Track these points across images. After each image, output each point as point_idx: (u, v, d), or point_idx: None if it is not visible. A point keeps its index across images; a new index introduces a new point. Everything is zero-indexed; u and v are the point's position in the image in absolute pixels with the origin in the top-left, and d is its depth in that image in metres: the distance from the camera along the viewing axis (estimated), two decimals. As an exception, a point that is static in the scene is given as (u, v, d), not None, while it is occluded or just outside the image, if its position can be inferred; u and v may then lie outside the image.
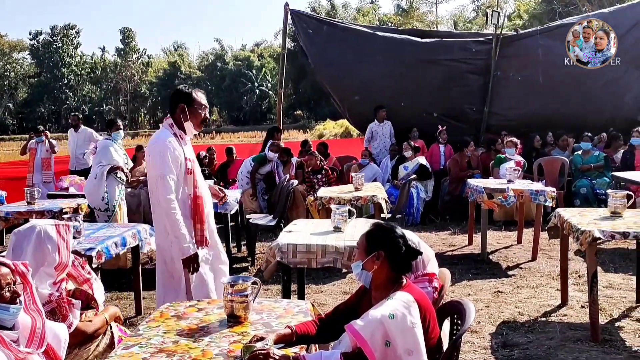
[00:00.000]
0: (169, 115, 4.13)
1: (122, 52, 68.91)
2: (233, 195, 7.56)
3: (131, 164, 8.22)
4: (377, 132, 11.27)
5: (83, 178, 9.63)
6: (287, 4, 11.61)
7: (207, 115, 4.15)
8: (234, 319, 2.91)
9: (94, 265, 4.17)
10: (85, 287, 3.49)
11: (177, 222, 3.96)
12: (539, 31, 11.52)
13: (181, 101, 4.05)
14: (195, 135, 4.37)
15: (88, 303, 3.43)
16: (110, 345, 3.40)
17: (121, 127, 7.94)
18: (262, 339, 2.55)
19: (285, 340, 2.67)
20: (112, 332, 3.49)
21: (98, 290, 3.56)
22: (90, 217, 7.38)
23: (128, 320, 5.36)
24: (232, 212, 7.28)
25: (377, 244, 2.76)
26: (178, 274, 4.12)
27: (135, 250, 5.47)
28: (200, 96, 4.11)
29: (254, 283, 3.01)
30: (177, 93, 4.11)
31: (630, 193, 5.16)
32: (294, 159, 10.11)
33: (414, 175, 9.37)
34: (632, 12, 11.37)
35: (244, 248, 8.15)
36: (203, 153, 11.10)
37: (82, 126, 11.50)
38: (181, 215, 3.98)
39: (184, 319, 2.98)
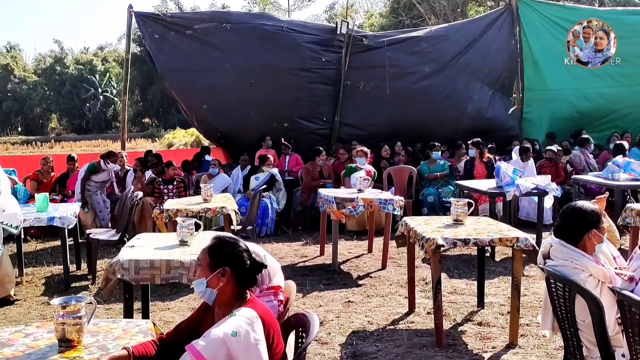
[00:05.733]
0: None
1: (-58, 53, 62.21)
2: (71, 209, 7.04)
3: None
4: None
5: None
6: (130, 7, 11.08)
7: None
8: (65, 343, 2.72)
9: None
10: None
11: None
12: (386, 43, 11.78)
13: None
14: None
15: None
16: None
17: None
18: None
19: None
20: None
21: None
22: None
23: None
24: (71, 227, 6.77)
25: (222, 260, 2.68)
26: None
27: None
28: None
29: (90, 303, 2.85)
30: None
31: (471, 201, 5.39)
32: (148, 173, 9.73)
33: (265, 186, 9.29)
34: (472, 27, 12.08)
35: (84, 265, 7.60)
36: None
37: None
38: None
39: (8, 346, 2.74)
